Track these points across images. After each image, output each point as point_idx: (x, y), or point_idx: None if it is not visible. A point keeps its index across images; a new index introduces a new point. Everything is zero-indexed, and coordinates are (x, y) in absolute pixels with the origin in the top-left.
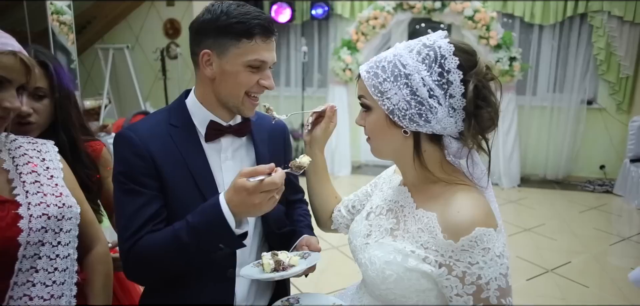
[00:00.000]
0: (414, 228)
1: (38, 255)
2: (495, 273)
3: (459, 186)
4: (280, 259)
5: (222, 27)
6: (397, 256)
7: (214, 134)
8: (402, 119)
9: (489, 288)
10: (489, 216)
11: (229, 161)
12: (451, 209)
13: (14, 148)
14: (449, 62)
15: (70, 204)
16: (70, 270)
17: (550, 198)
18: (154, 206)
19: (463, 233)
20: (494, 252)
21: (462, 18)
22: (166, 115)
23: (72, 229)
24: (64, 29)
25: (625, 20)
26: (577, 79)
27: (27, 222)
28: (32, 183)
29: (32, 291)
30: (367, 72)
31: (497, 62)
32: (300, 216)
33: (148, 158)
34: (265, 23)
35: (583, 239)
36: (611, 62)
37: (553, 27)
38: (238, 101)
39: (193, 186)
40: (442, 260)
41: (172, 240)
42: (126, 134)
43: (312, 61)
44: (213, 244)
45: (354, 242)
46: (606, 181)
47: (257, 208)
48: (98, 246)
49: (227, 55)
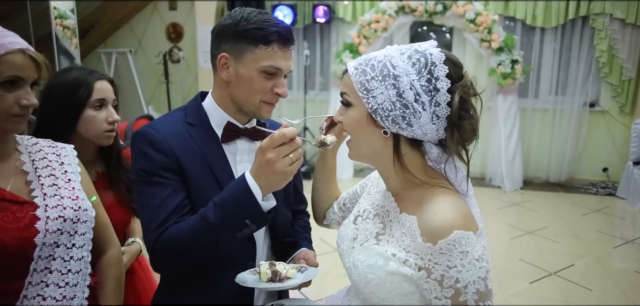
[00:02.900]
0: (398, 232)
1: (53, 256)
2: (474, 277)
3: (440, 189)
4: (277, 270)
5: (241, 32)
6: (379, 260)
7: (231, 135)
8: (384, 120)
9: (467, 292)
10: (468, 219)
11: (244, 162)
12: (430, 212)
13: (34, 151)
14: (439, 69)
15: (86, 207)
16: (83, 272)
17: (553, 200)
18: (179, 196)
19: (441, 236)
20: (472, 255)
21: (463, 21)
22: (183, 114)
23: (86, 232)
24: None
25: (628, 22)
26: (580, 81)
27: (44, 223)
28: (50, 185)
29: (45, 291)
30: (355, 68)
31: (499, 65)
32: (301, 228)
33: (170, 153)
34: (284, 32)
35: (586, 242)
36: (613, 64)
37: (555, 30)
38: (254, 106)
39: (214, 182)
40: (422, 263)
41: (199, 222)
42: (147, 131)
43: (314, 64)
44: (240, 221)
45: (341, 246)
46: (609, 183)
47: (279, 174)
48: (111, 249)
49: (243, 59)
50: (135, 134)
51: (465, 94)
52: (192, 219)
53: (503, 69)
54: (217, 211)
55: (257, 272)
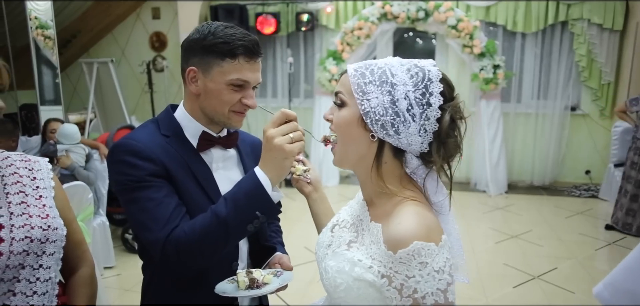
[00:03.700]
0: (368, 240)
1: (17, 277)
2: (432, 288)
3: (408, 201)
4: (254, 277)
5: (208, 47)
6: (346, 265)
7: (206, 144)
8: (374, 123)
9: (425, 303)
10: (432, 230)
11: (220, 170)
12: (393, 221)
13: (4, 166)
14: (434, 86)
15: (56, 226)
16: (50, 293)
17: (537, 204)
18: (175, 197)
19: (401, 245)
20: (432, 267)
21: (445, 27)
22: (156, 126)
23: (55, 252)
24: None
25: (605, 27)
26: (561, 85)
27: (8, 245)
28: (18, 203)
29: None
30: (355, 70)
31: (481, 70)
32: (273, 232)
33: (157, 161)
34: (250, 45)
35: (569, 245)
36: (593, 68)
37: (535, 35)
38: (224, 117)
39: (199, 189)
40: (384, 271)
41: (211, 219)
42: (128, 142)
43: (298, 72)
44: (251, 213)
45: (317, 252)
46: (592, 185)
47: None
48: (84, 267)
49: (211, 73)
50: (115, 147)
51: (455, 113)
52: (201, 217)
53: (485, 74)
54: (228, 206)
55: (235, 281)
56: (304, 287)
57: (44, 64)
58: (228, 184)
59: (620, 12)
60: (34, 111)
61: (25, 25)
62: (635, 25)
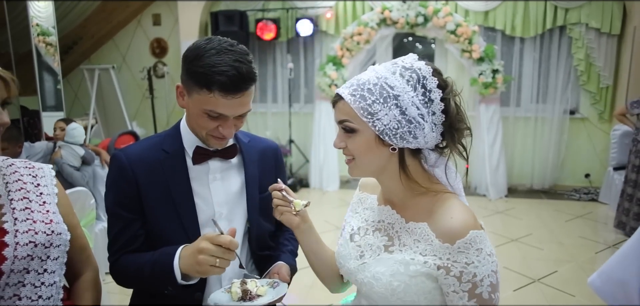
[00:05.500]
0: (410, 240)
1: (22, 282)
2: (488, 270)
3: (445, 195)
4: (247, 288)
5: (190, 71)
6: (400, 267)
7: (201, 158)
8: (392, 138)
9: (483, 284)
10: (476, 219)
11: (217, 181)
12: (444, 216)
13: (8, 173)
14: (430, 82)
15: (60, 231)
16: (54, 297)
17: (537, 207)
18: (131, 229)
19: (459, 236)
20: (485, 251)
21: (444, 32)
22: (160, 140)
23: (59, 256)
24: (50, 50)
25: (603, 31)
26: (559, 89)
27: (12, 250)
28: (23, 209)
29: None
30: (352, 95)
31: (480, 74)
32: (286, 240)
33: (133, 182)
34: (229, 80)
35: (569, 248)
36: (591, 72)
37: (534, 40)
38: (202, 138)
39: (173, 212)
40: (440, 263)
41: (138, 269)
42: (118, 155)
43: (298, 77)
44: (163, 286)
45: (346, 265)
46: (592, 189)
47: (198, 265)
48: (88, 272)
49: (191, 96)
50: (111, 157)
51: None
52: (135, 260)
53: (484, 79)
54: (149, 268)
55: (230, 291)
56: (304, 292)
57: (46, 70)
58: (224, 195)
59: (618, 16)
60: (36, 117)
61: (27, 32)
62: (632, 29)
